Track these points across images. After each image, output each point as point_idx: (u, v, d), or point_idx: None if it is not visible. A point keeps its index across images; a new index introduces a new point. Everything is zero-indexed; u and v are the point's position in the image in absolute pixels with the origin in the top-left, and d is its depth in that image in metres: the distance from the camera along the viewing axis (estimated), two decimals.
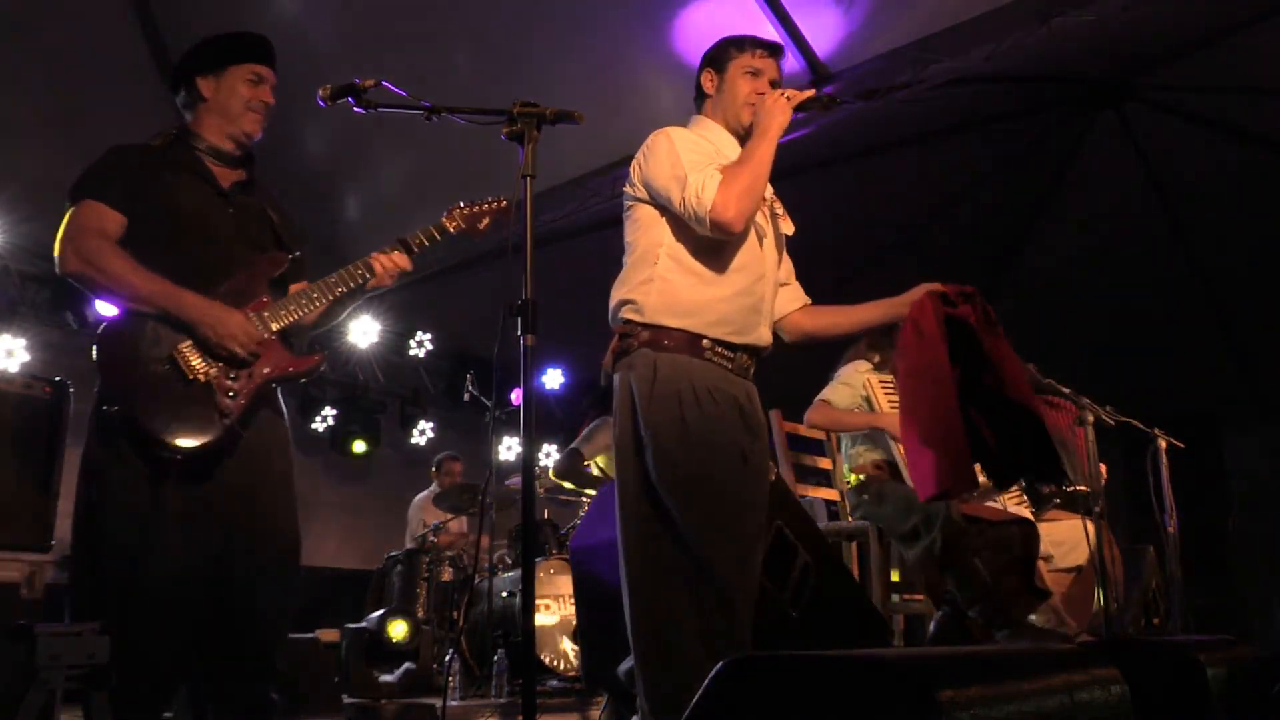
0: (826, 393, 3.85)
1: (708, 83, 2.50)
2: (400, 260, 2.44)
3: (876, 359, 3.92)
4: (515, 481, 5.56)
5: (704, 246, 2.30)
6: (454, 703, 4.31)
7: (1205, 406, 8.06)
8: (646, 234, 2.36)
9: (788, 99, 2.34)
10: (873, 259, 6.75)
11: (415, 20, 4.97)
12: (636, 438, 2.21)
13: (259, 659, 2.28)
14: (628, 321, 2.31)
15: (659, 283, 2.29)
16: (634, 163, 2.40)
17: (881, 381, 3.83)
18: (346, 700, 4.22)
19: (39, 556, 3.78)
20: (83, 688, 2.67)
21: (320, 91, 2.22)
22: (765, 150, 2.28)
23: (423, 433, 8.65)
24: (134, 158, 2.36)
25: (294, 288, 2.42)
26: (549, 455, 8.99)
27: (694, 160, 2.28)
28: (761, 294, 2.39)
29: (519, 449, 5.17)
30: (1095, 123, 6.22)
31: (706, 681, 1.24)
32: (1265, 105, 5.62)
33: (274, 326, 2.29)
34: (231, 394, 2.20)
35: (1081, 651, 1.55)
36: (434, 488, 6.71)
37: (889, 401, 3.78)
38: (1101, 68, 5.65)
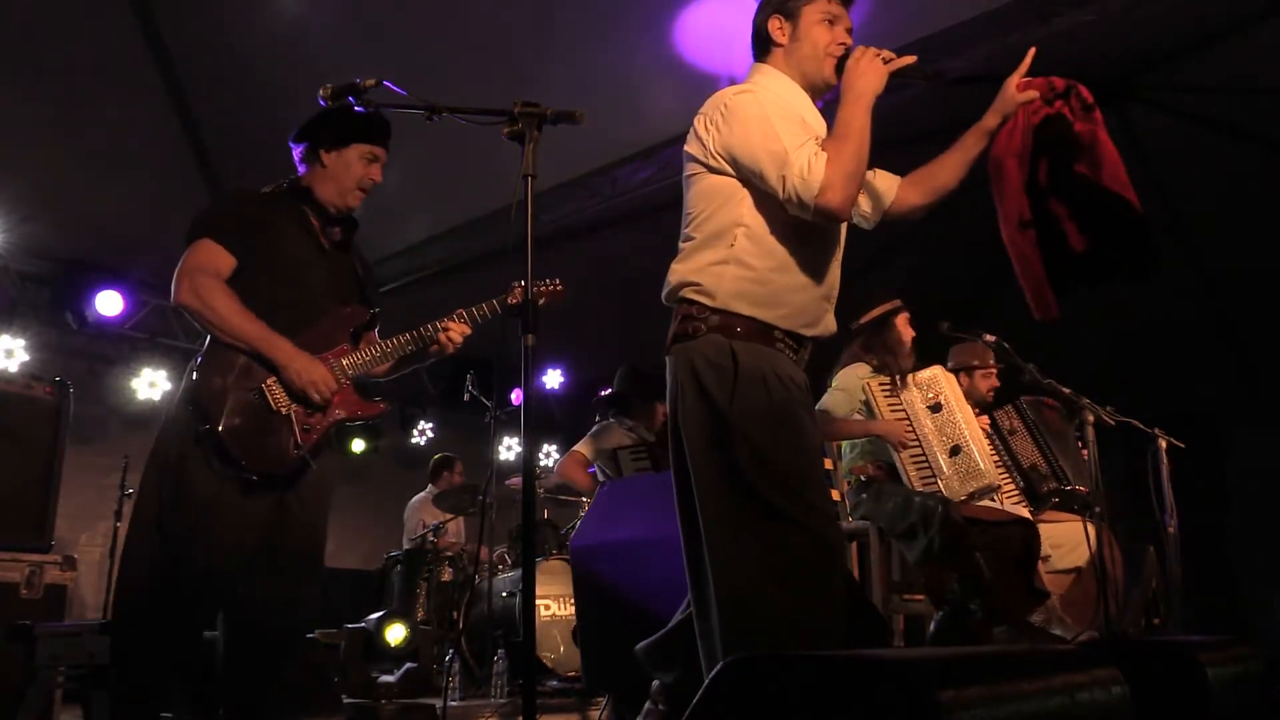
0: (824, 401, 3.82)
1: (777, 31, 2.25)
2: (465, 329, 2.71)
3: (875, 361, 3.90)
4: (515, 481, 5.56)
5: (789, 229, 2.11)
6: (454, 703, 4.31)
7: (1206, 407, 8.05)
8: (722, 209, 2.14)
9: (884, 61, 2.10)
10: (874, 259, 6.75)
11: (415, 20, 4.97)
12: (714, 428, 2.05)
13: (275, 664, 2.45)
14: (693, 303, 2.14)
15: (734, 267, 2.10)
16: (704, 123, 2.18)
17: (881, 384, 3.81)
18: (346, 700, 4.21)
19: (39, 556, 3.78)
20: (83, 687, 2.68)
21: (321, 91, 2.22)
22: (864, 119, 2.04)
23: (423, 433, 8.66)
24: (251, 204, 2.60)
25: (366, 336, 2.68)
26: (549, 455, 9.00)
27: (791, 132, 2.05)
28: (833, 281, 2.24)
29: (519, 449, 5.15)
30: None
31: (706, 682, 1.24)
32: (1265, 105, 5.62)
33: (350, 373, 2.55)
34: (307, 429, 2.46)
35: (1082, 652, 1.55)
36: (431, 489, 6.71)
37: (889, 405, 3.77)
38: (1101, 68, 5.65)
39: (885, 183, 2.44)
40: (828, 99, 2.27)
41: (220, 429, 2.33)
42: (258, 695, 2.43)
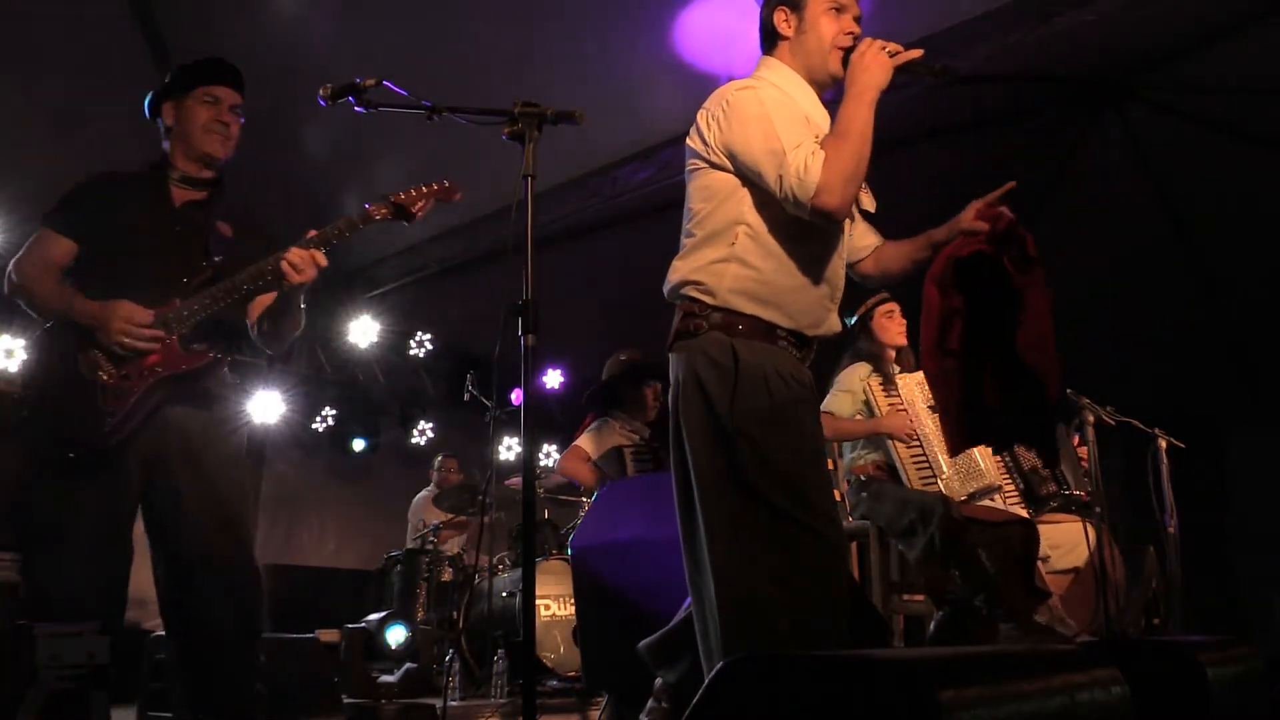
0: (827, 403, 3.82)
1: (783, 24, 2.23)
2: (317, 257, 2.39)
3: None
4: (515, 481, 5.55)
5: (790, 229, 2.10)
6: (454, 703, 4.31)
7: (1205, 407, 8.06)
8: (722, 207, 2.13)
9: (890, 55, 2.07)
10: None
11: (415, 20, 4.97)
12: (715, 428, 2.04)
13: (230, 656, 2.34)
14: (694, 300, 2.13)
15: (735, 265, 2.10)
16: (706, 118, 2.17)
17: (881, 382, 3.82)
18: (346, 700, 4.21)
19: None
20: (83, 687, 2.67)
21: (321, 91, 2.23)
22: (866, 118, 2.01)
23: (423, 433, 8.65)
24: (99, 185, 2.52)
25: (261, 299, 2.52)
26: (549, 455, 8.99)
27: (791, 130, 2.04)
28: (837, 282, 2.23)
29: (519, 449, 5.15)
30: (1095, 123, 6.21)
31: (706, 682, 1.24)
32: (1266, 105, 5.62)
33: (176, 325, 2.37)
34: (119, 394, 2.30)
35: (1082, 652, 1.54)
36: (433, 488, 6.72)
37: (889, 403, 3.78)
38: (1102, 68, 5.65)
39: (868, 239, 2.43)
40: (829, 99, 2.24)
41: (34, 411, 2.30)
42: (219, 694, 2.33)
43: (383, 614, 5.13)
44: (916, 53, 2.10)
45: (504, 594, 5.16)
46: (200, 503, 2.37)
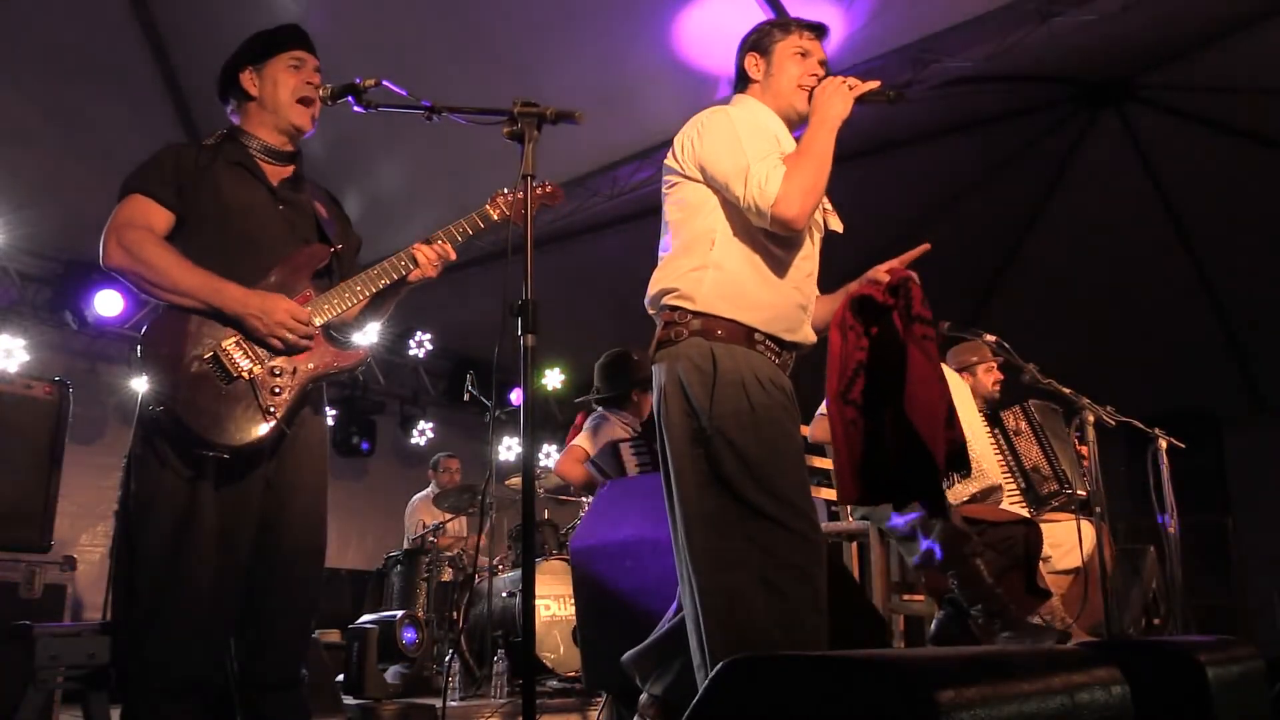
0: (827, 404, 3.81)
1: (752, 67, 2.38)
2: (446, 250, 2.43)
3: None
4: (515, 481, 5.55)
5: (763, 238, 2.20)
6: (454, 703, 4.31)
7: (1205, 406, 8.06)
8: (697, 217, 2.23)
9: (849, 88, 2.22)
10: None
11: (415, 20, 4.98)
12: (695, 429, 2.10)
13: (286, 662, 2.22)
14: (675, 309, 2.20)
15: (713, 271, 2.17)
16: (683, 138, 2.29)
17: None
18: (347, 701, 4.21)
19: (39, 557, 3.77)
20: (83, 688, 2.66)
21: (320, 91, 2.24)
22: (826, 141, 2.16)
23: (423, 433, 8.66)
24: (187, 155, 2.33)
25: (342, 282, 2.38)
26: (549, 455, 9.00)
27: (757, 148, 2.16)
28: (809, 292, 2.32)
29: (519, 449, 5.14)
30: (1095, 123, 6.22)
31: (706, 682, 1.24)
32: (1265, 105, 5.62)
33: (317, 321, 2.23)
34: (276, 390, 2.14)
35: (1082, 652, 1.54)
36: (432, 488, 6.71)
37: None
38: (1101, 68, 5.65)
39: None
40: (797, 136, 2.32)
41: (175, 409, 2.04)
42: (278, 702, 2.19)
43: (398, 612, 5.08)
44: (874, 84, 2.25)
45: (504, 594, 5.16)
46: (313, 500, 2.30)
